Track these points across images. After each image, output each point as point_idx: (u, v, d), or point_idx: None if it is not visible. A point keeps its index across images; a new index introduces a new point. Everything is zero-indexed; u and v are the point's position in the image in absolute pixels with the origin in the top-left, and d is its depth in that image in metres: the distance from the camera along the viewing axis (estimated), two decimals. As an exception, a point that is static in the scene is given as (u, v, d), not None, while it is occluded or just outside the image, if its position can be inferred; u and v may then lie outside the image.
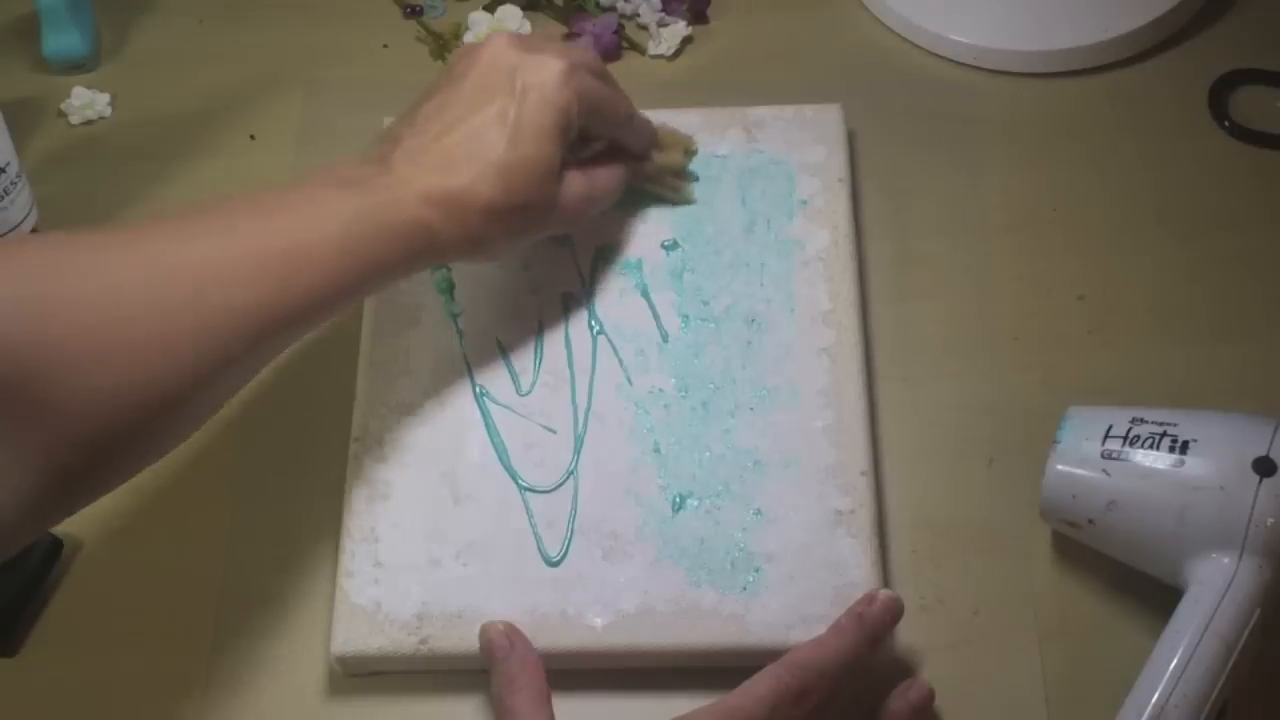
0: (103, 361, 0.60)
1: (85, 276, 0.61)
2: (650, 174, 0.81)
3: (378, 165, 0.71)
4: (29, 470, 0.58)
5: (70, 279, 0.61)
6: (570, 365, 0.78)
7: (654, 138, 0.81)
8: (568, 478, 0.74)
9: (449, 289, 0.80)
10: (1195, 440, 0.68)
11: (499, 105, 0.71)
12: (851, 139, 0.85)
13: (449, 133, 0.71)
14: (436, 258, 0.72)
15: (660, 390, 0.76)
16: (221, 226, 0.66)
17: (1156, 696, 0.64)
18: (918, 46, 0.92)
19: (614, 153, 0.79)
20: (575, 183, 0.75)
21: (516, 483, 0.74)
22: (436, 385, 0.77)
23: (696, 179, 0.83)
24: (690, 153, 0.83)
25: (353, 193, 0.68)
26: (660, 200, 0.82)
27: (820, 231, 0.81)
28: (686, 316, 0.79)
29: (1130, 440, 0.69)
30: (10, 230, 0.83)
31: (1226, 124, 0.87)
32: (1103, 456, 0.69)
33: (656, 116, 0.85)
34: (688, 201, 0.82)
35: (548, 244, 0.80)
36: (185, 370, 0.62)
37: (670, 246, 0.81)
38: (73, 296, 0.60)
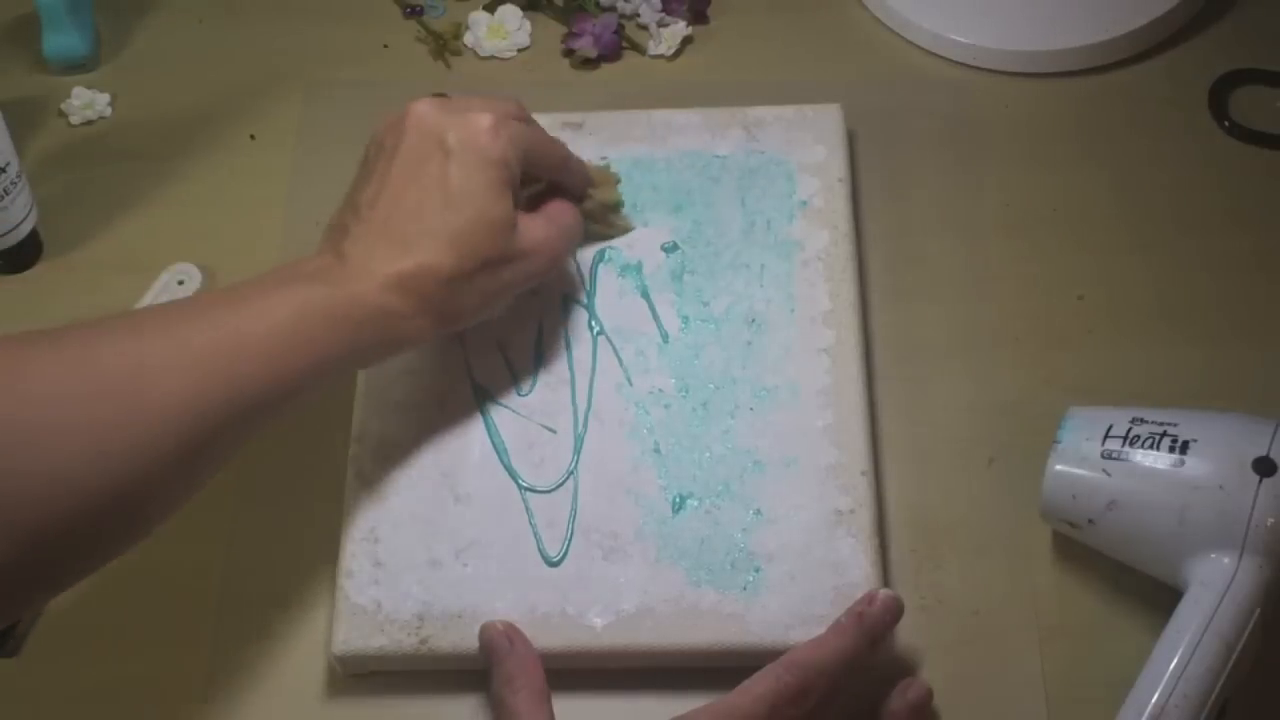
0: (40, 456, 0.60)
1: (20, 374, 0.61)
2: (590, 212, 0.80)
3: (332, 257, 0.70)
4: None
5: (5, 376, 0.61)
6: (570, 365, 0.78)
7: (589, 178, 0.80)
8: (568, 478, 0.74)
9: (449, 289, 0.80)
10: (1195, 440, 0.68)
11: (434, 172, 0.70)
12: (851, 139, 0.85)
13: (394, 212, 0.70)
14: (408, 343, 0.71)
15: (660, 390, 0.76)
16: (163, 323, 0.66)
17: (1157, 696, 0.64)
18: (918, 46, 0.92)
19: (554, 194, 0.77)
20: (535, 228, 0.73)
21: (516, 482, 0.74)
22: (436, 385, 0.77)
23: (623, 205, 0.82)
24: (618, 190, 0.82)
25: (305, 286, 0.68)
26: (601, 237, 0.81)
27: (820, 232, 0.81)
28: (686, 317, 0.79)
29: (1130, 440, 0.69)
30: (10, 230, 0.83)
31: (1226, 124, 0.87)
32: (1103, 456, 0.69)
33: (657, 116, 0.85)
34: (627, 230, 0.81)
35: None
36: (128, 463, 0.62)
37: (670, 248, 0.81)
38: (7, 393, 0.60)
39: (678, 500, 0.73)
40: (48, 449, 0.60)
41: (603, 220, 0.81)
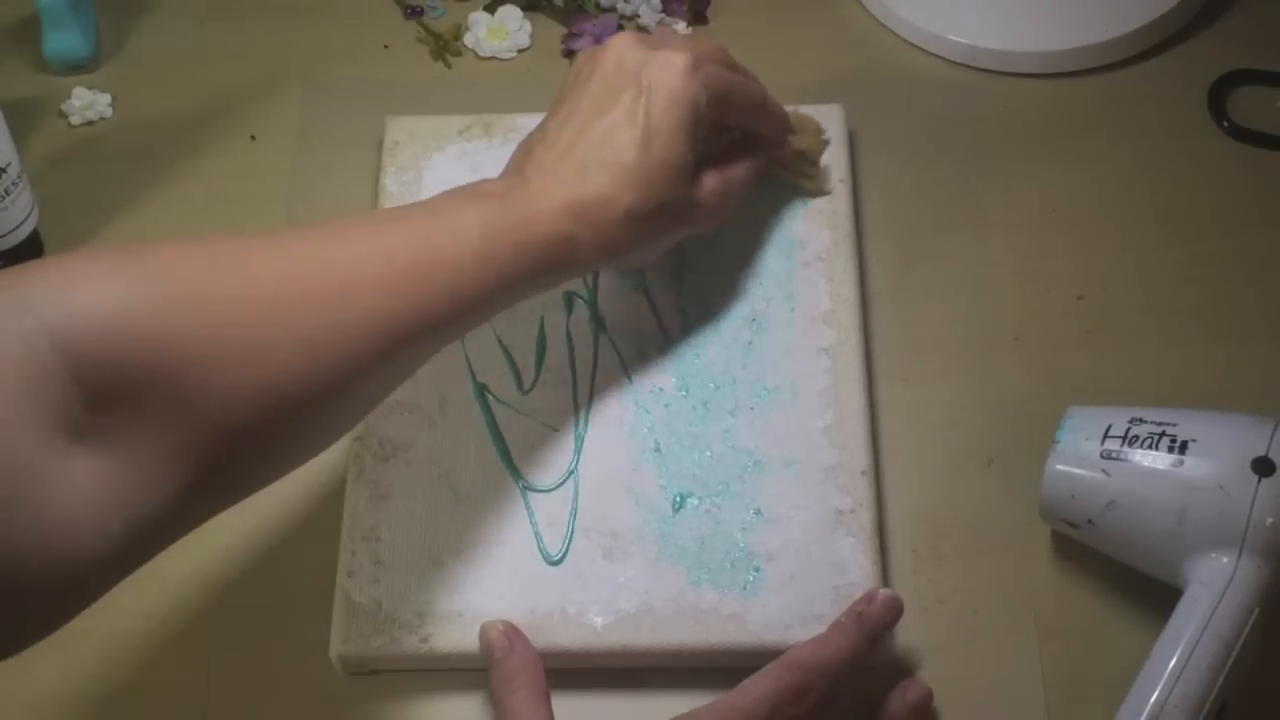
0: (244, 357, 0.59)
1: (234, 275, 0.61)
2: (786, 161, 0.80)
3: (514, 178, 0.70)
4: (170, 462, 0.58)
5: (220, 276, 0.60)
6: (571, 364, 0.78)
7: (789, 123, 0.80)
8: (568, 476, 0.74)
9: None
10: (1194, 440, 0.68)
11: (626, 107, 0.71)
12: (852, 139, 0.85)
13: (579, 140, 0.70)
14: (576, 268, 0.71)
15: (661, 389, 0.77)
16: (365, 234, 0.65)
17: (1156, 696, 0.64)
18: (917, 47, 0.92)
19: (748, 141, 0.78)
20: (710, 179, 0.74)
21: (517, 481, 0.74)
22: (437, 383, 0.77)
23: (827, 167, 0.82)
24: (824, 140, 0.82)
25: (491, 205, 0.68)
26: (795, 190, 0.81)
27: (821, 231, 0.81)
28: (687, 316, 0.79)
29: (1129, 440, 0.69)
30: (11, 231, 0.83)
31: (1226, 124, 0.87)
32: (1102, 456, 0.69)
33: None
34: (822, 191, 0.81)
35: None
36: (323, 371, 0.61)
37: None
38: (222, 292, 0.60)
39: (678, 499, 0.73)
40: (260, 353, 0.59)
41: (798, 170, 0.81)
